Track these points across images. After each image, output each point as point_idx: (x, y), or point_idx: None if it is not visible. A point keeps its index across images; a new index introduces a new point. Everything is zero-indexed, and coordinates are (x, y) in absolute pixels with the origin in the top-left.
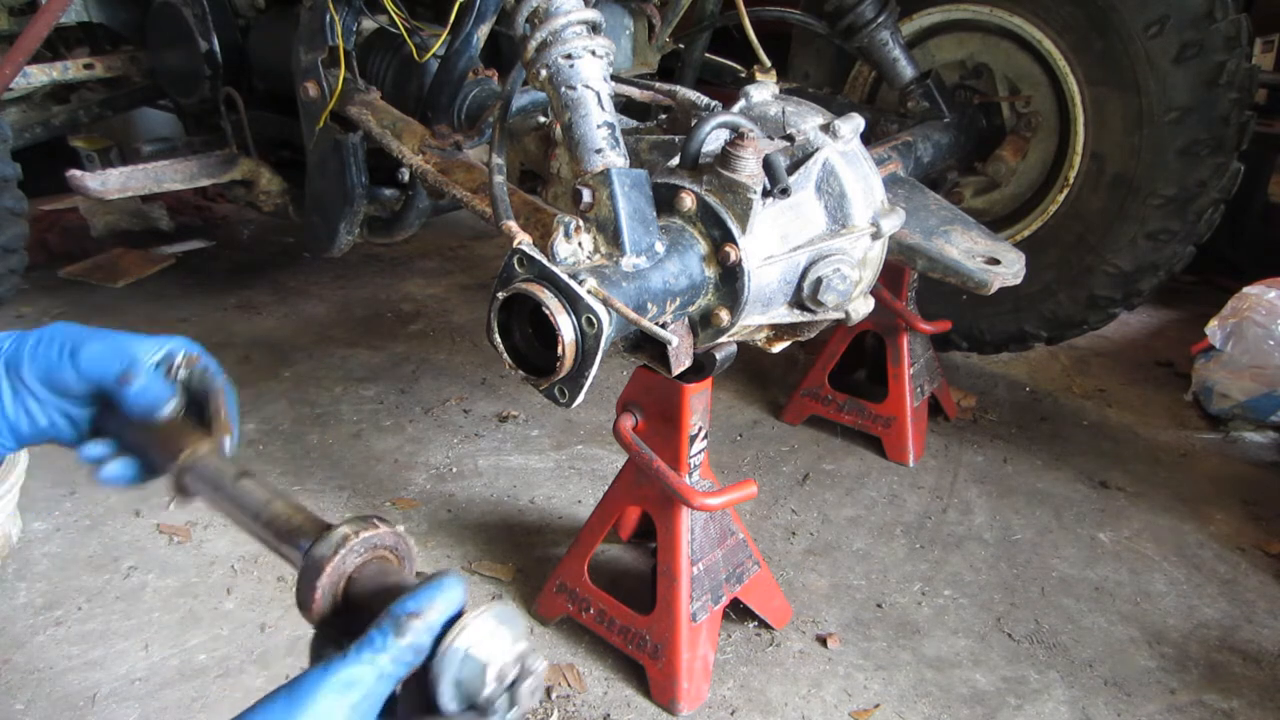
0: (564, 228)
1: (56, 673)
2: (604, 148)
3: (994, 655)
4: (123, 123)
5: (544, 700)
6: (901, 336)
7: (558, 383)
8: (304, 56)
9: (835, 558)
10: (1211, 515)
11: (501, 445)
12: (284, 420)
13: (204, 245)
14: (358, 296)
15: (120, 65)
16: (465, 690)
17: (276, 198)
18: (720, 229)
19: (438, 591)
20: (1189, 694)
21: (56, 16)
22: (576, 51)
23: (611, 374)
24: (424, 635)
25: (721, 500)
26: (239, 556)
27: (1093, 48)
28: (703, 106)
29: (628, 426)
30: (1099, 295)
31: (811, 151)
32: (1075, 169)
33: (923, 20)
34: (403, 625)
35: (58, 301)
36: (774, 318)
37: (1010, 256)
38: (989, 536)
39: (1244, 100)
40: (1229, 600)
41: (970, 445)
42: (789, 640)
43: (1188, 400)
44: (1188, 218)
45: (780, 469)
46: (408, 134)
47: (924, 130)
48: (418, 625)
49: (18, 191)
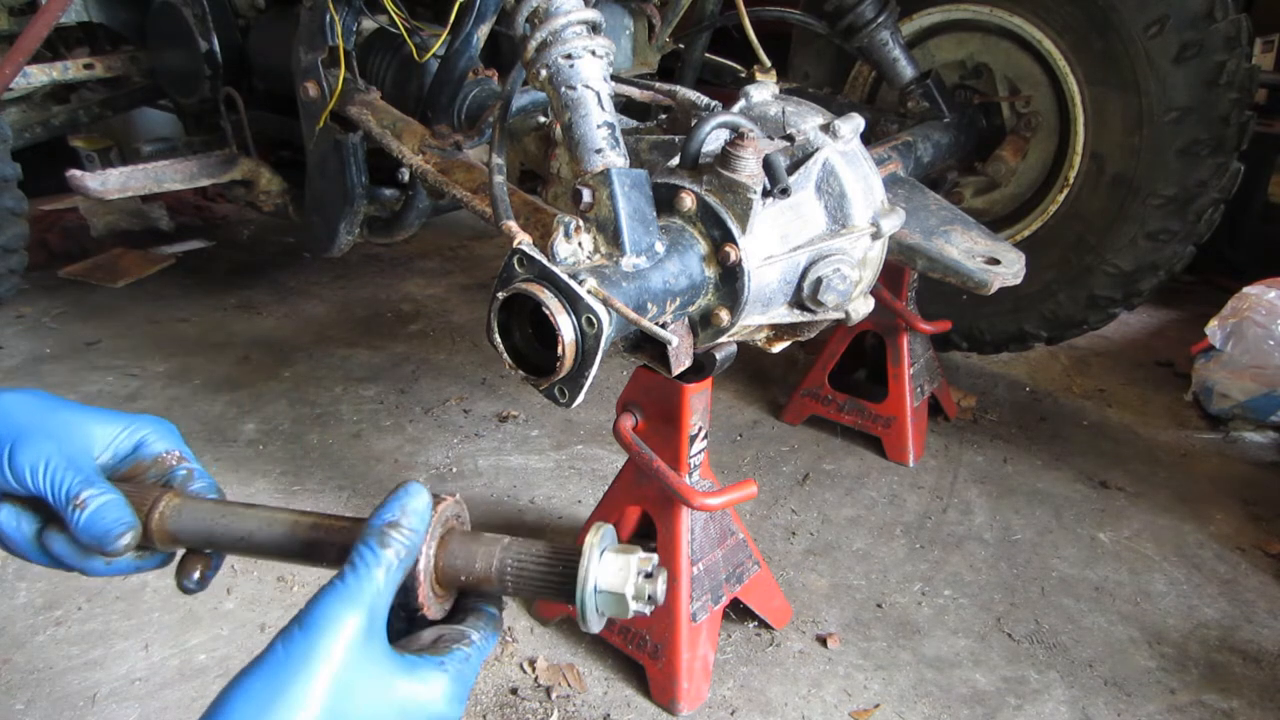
0: (564, 228)
1: (56, 673)
2: (604, 148)
3: (994, 655)
4: (123, 123)
5: (544, 700)
6: (901, 336)
7: (558, 383)
8: (304, 56)
9: (835, 558)
10: (1211, 515)
11: (501, 445)
12: (284, 420)
13: (204, 245)
14: (358, 296)
15: (120, 65)
16: (612, 614)
17: (276, 198)
18: (720, 229)
19: (406, 498)
20: (1189, 694)
21: (56, 16)
22: (576, 51)
23: (611, 374)
24: (405, 541)
25: (721, 500)
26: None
27: (1093, 48)
28: (703, 106)
29: (628, 426)
30: (1099, 295)
31: (811, 151)
32: (1075, 169)
33: (923, 20)
34: (384, 537)
35: (58, 301)
36: (774, 318)
37: (1010, 256)
38: (989, 536)
39: (1244, 100)
40: (1229, 600)
41: (970, 445)
42: (789, 640)
43: (1188, 400)
44: (1188, 218)
45: (780, 469)
46: (408, 134)
47: (924, 130)
48: (396, 535)
49: (18, 191)
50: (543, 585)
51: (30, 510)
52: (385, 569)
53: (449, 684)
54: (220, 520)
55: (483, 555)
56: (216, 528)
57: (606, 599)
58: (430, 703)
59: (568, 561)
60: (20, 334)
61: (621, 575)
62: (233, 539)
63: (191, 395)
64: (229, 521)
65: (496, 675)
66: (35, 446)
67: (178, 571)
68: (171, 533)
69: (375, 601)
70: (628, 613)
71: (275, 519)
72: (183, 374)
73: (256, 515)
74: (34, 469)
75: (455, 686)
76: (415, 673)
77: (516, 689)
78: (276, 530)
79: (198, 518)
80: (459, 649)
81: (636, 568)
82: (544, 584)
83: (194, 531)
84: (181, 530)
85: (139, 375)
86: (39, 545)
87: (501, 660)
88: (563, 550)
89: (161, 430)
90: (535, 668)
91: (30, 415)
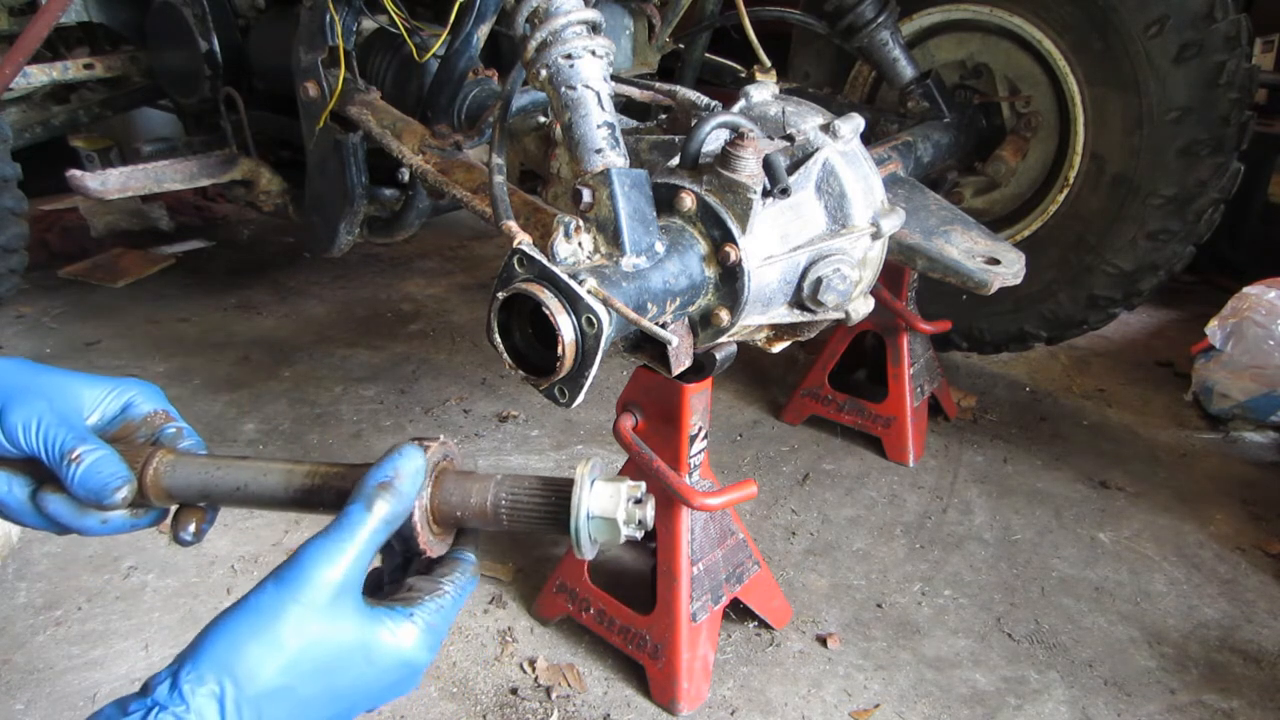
0: (564, 228)
1: (56, 673)
2: (604, 148)
3: (994, 655)
4: (123, 123)
5: (544, 700)
6: (901, 336)
7: (558, 383)
8: (304, 56)
9: (835, 558)
10: (1211, 515)
11: (501, 445)
12: (284, 420)
13: (204, 245)
14: (358, 296)
15: (120, 65)
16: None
17: (276, 198)
18: (720, 229)
19: (400, 460)
20: (1189, 694)
21: (56, 16)
22: (576, 51)
23: (611, 374)
24: (393, 504)
25: (721, 500)
26: (239, 556)
27: (1093, 48)
28: (703, 106)
29: (628, 426)
30: (1099, 295)
31: (811, 151)
32: (1075, 169)
33: (923, 20)
34: (373, 498)
35: (58, 301)
36: (774, 318)
37: (1010, 256)
38: (989, 536)
39: (1244, 100)
40: (1229, 600)
41: (970, 445)
42: (789, 640)
43: (1188, 400)
44: (1188, 218)
45: (780, 469)
46: (408, 134)
47: (924, 130)
48: (387, 495)
49: (18, 191)
50: (537, 516)
51: (23, 473)
52: (370, 530)
53: (419, 633)
54: (215, 473)
55: (477, 491)
56: (211, 480)
57: (599, 525)
58: (397, 649)
59: (560, 492)
60: (20, 334)
61: (612, 501)
62: (228, 490)
63: (191, 395)
64: (224, 474)
65: (496, 675)
66: (27, 406)
67: (173, 525)
68: (166, 488)
69: (354, 560)
70: (620, 538)
71: (269, 469)
72: (183, 374)
73: (251, 466)
74: (26, 427)
75: (426, 635)
76: (384, 622)
77: (516, 689)
78: (271, 480)
79: (191, 472)
80: (430, 599)
81: (626, 495)
82: (539, 514)
83: (188, 485)
84: (175, 485)
85: (139, 375)
86: (34, 507)
87: (501, 660)
88: (555, 482)
89: (148, 392)
90: (535, 668)
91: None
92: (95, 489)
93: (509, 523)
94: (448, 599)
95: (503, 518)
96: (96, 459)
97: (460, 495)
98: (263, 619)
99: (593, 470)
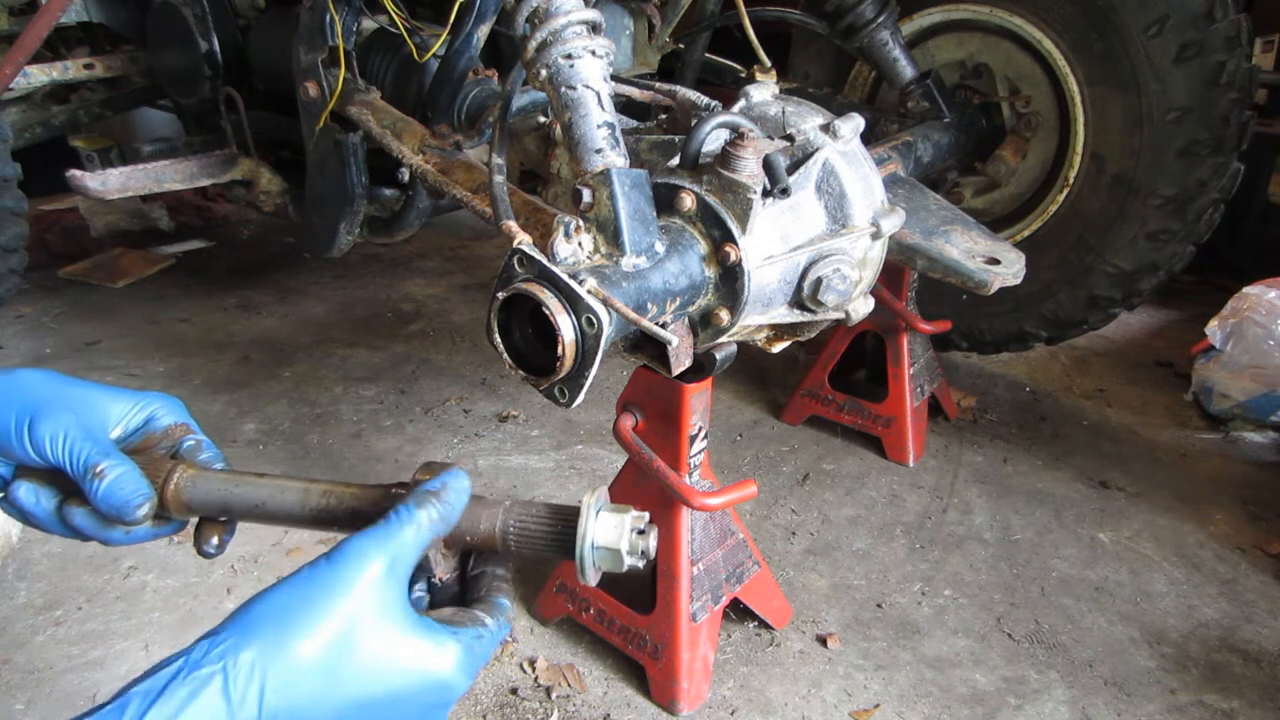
0: (564, 228)
1: (56, 673)
2: (604, 148)
3: (994, 655)
4: (123, 123)
5: (544, 700)
6: (901, 336)
7: (558, 383)
8: (304, 56)
9: (835, 558)
10: (1211, 515)
11: (501, 445)
12: (284, 420)
13: (204, 245)
14: (358, 296)
15: (120, 65)
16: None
17: (276, 198)
18: (720, 229)
19: (451, 479)
20: (1189, 694)
21: (56, 16)
22: (576, 51)
23: (611, 374)
24: (443, 509)
25: (721, 500)
26: (239, 556)
27: (1093, 48)
28: (703, 106)
29: (628, 426)
30: (1099, 295)
31: (811, 151)
32: (1075, 169)
33: (923, 20)
34: (424, 500)
35: (58, 301)
36: (774, 318)
37: (1010, 256)
38: (989, 536)
39: (1244, 100)
40: (1229, 600)
41: (970, 445)
42: (789, 640)
43: (1188, 400)
44: (1188, 218)
45: (780, 469)
46: (408, 134)
47: (924, 130)
48: (435, 503)
49: (18, 191)
50: (543, 543)
51: (49, 485)
52: (416, 527)
53: (460, 653)
54: (234, 490)
55: (486, 517)
56: (230, 497)
57: (603, 554)
58: (439, 668)
59: (566, 520)
60: (20, 334)
61: (616, 532)
62: (246, 507)
63: (191, 395)
64: (242, 491)
65: (496, 675)
66: (54, 419)
67: (196, 538)
68: (186, 502)
69: (401, 553)
70: (623, 567)
71: (286, 487)
72: (183, 374)
73: (269, 484)
74: (53, 440)
75: (466, 658)
76: (430, 634)
77: (516, 689)
78: (288, 498)
79: (211, 488)
80: (473, 627)
81: (630, 525)
82: (544, 542)
83: (208, 501)
84: (196, 500)
85: (139, 375)
86: (59, 518)
87: (501, 660)
88: (561, 510)
89: (169, 405)
90: (535, 668)
91: (48, 390)
92: (117, 505)
93: (516, 548)
94: (488, 633)
95: (510, 543)
96: (118, 475)
97: (470, 520)
98: (303, 599)
99: (598, 500)
